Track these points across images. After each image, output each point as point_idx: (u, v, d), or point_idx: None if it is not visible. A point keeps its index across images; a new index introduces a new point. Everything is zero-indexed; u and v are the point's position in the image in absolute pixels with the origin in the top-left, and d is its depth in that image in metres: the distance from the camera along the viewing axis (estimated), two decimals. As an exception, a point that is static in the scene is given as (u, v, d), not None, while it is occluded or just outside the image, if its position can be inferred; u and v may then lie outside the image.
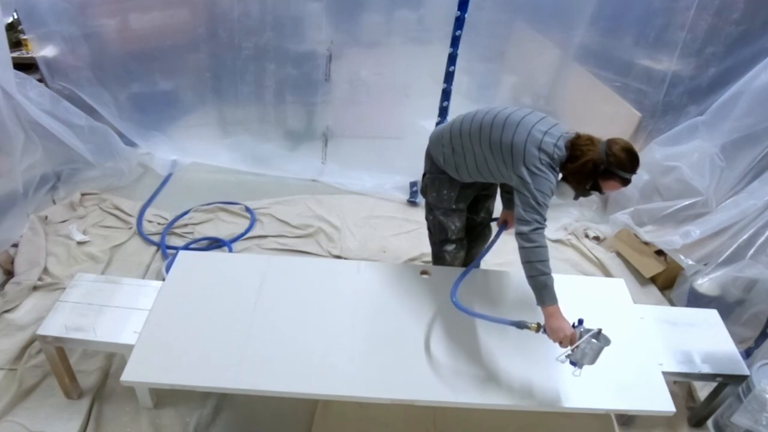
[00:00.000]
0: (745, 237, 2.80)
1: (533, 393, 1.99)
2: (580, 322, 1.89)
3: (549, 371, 2.06)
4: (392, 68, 3.76)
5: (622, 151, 1.94)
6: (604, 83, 3.57)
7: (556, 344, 1.90)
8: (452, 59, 3.24)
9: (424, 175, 2.50)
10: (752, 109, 3.00)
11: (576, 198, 2.12)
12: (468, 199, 2.45)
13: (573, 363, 1.86)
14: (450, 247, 2.55)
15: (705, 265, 2.96)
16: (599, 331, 1.84)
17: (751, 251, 2.74)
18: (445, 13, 3.14)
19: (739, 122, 3.08)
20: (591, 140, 1.99)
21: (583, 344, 1.82)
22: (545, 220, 1.96)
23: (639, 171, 3.51)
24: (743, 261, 2.75)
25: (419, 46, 3.59)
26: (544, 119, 2.07)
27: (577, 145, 1.99)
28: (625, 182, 1.98)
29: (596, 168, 1.95)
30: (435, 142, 2.37)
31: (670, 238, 3.16)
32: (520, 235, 1.95)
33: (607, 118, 3.63)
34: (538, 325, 1.93)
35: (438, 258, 2.65)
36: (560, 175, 2.07)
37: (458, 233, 2.52)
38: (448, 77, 3.30)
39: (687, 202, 3.23)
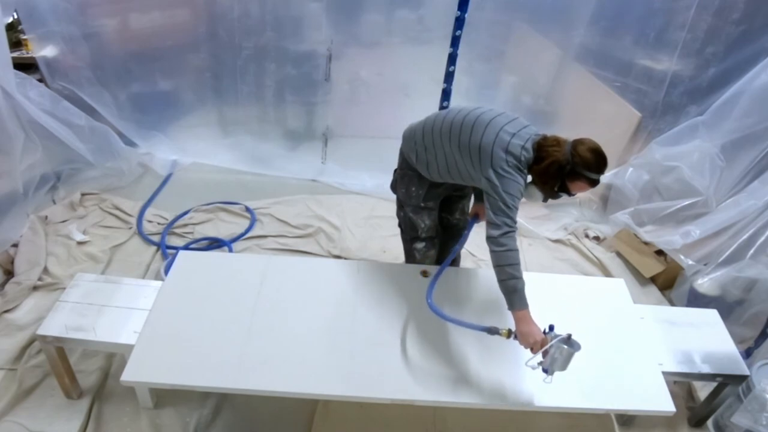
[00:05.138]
0: (745, 237, 2.80)
1: (533, 393, 1.99)
2: (551, 328, 1.85)
3: (549, 371, 2.06)
4: (392, 68, 3.76)
5: (588, 151, 1.91)
6: (604, 83, 3.56)
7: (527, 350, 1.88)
8: (452, 59, 3.24)
9: (395, 170, 2.50)
10: (752, 109, 3.00)
11: (545, 200, 2.10)
12: (437, 198, 2.43)
13: (545, 370, 1.83)
14: (420, 245, 2.54)
15: (705, 265, 2.96)
16: (569, 337, 1.79)
17: (751, 251, 2.74)
18: (445, 13, 3.13)
19: (739, 122, 3.08)
20: (557, 141, 1.96)
21: (553, 350, 1.78)
22: (515, 222, 1.94)
23: (639, 171, 3.58)
24: (743, 261, 2.75)
25: (419, 46, 3.58)
26: (514, 121, 2.05)
27: (543, 147, 1.97)
28: (593, 183, 1.95)
29: (562, 169, 1.94)
30: (408, 138, 2.34)
31: (670, 238, 3.15)
32: (490, 239, 1.94)
33: (607, 118, 3.63)
34: (509, 331, 1.91)
35: (409, 256, 2.64)
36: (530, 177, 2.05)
37: (428, 231, 2.50)
38: (448, 77, 3.30)
39: (687, 202, 3.23)
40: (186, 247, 3.22)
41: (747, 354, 2.58)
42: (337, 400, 2.11)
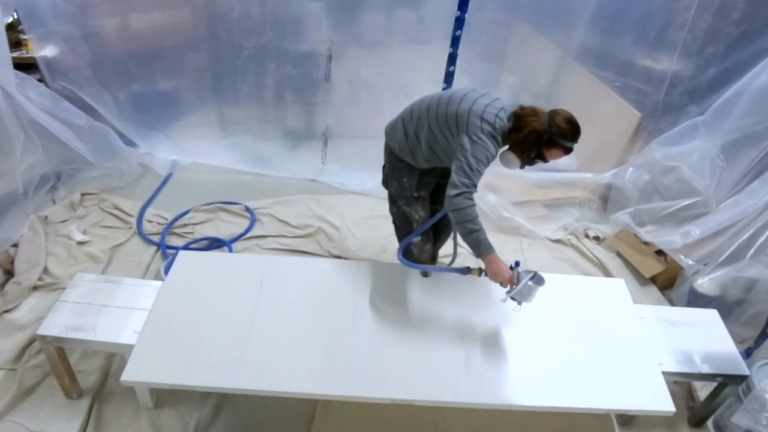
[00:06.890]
0: (745, 237, 2.80)
1: (533, 393, 1.99)
2: (517, 264, 2.08)
3: (549, 371, 2.06)
4: (392, 68, 3.76)
5: (564, 121, 2.02)
6: (604, 83, 3.57)
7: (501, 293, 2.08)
8: (452, 59, 3.24)
9: (384, 167, 2.54)
10: (752, 109, 3.00)
11: (522, 167, 2.20)
12: (429, 186, 2.48)
13: (513, 298, 2.07)
14: (416, 240, 2.53)
15: (705, 265, 2.96)
16: (535, 274, 2.04)
17: (751, 251, 2.74)
18: (445, 13, 3.14)
19: (739, 122, 3.08)
20: (535, 112, 2.08)
21: (521, 286, 2.03)
22: (475, 186, 2.05)
23: (639, 171, 3.59)
24: (743, 261, 2.75)
25: (419, 46, 3.58)
26: (487, 94, 2.18)
27: (521, 116, 2.08)
28: (568, 151, 2.08)
29: (539, 138, 2.05)
30: (390, 132, 2.43)
31: (670, 238, 3.16)
32: (447, 198, 2.04)
33: (607, 118, 3.63)
34: (480, 269, 2.15)
35: (406, 252, 2.63)
36: (506, 146, 2.16)
37: (423, 224, 2.51)
38: (448, 77, 3.30)
39: (687, 202, 3.23)
40: (186, 247, 3.22)
41: (747, 354, 2.58)
42: (337, 400, 2.11)
